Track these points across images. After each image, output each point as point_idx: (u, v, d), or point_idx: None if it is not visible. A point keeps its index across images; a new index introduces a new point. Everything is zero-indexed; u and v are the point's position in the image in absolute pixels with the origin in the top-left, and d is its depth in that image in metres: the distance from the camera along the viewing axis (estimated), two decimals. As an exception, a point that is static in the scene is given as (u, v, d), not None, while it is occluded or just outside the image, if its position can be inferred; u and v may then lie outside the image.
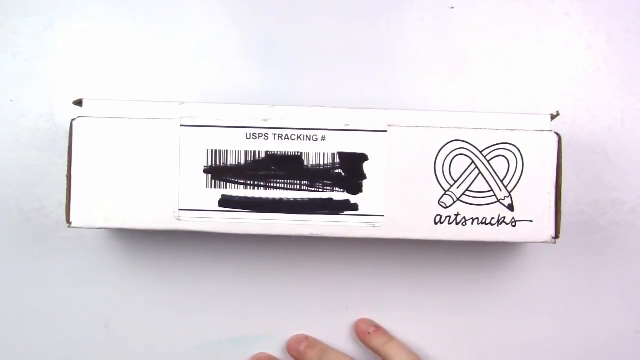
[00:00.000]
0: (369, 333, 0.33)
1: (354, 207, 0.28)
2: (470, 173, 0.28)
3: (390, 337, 0.33)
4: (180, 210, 0.28)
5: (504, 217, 0.28)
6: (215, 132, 0.28)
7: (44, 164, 0.33)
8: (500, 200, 0.28)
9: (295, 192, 0.28)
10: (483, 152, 0.28)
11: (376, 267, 0.34)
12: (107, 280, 0.34)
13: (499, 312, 0.34)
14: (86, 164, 0.28)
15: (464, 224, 0.28)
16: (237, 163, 0.28)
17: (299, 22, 0.34)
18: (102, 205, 0.28)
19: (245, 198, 0.28)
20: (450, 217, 0.28)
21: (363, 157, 0.28)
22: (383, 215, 0.28)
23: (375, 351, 0.33)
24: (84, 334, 0.33)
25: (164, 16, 0.34)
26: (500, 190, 0.28)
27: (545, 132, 0.28)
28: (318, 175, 0.28)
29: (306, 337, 0.33)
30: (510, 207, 0.28)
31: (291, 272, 0.34)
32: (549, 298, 0.34)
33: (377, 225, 0.28)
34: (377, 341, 0.32)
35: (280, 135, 0.28)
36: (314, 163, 0.28)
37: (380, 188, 0.28)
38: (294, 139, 0.28)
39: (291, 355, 0.34)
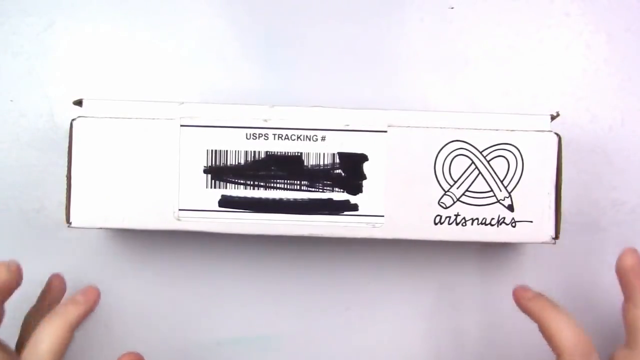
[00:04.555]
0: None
1: (354, 207, 0.28)
2: (470, 173, 0.28)
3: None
4: (180, 210, 0.28)
5: (504, 218, 0.28)
6: (215, 132, 0.28)
7: (44, 164, 0.33)
8: (500, 201, 0.28)
9: (295, 192, 0.28)
10: (483, 153, 0.28)
11: (376, 267, 0.34)
12: (107, 280, 0.34)
13: (499, 312, 0.34)
14: (86, 164, 0.28)
15: (464, 224, 0.28)
16: (237, 163, 0.28)
17: (299, 22, 0.34)
18: (102, 205, 0.28)
19: (245, 198, 0.28)
20: (450, 217, 0.28)
21: (363, 158, 0.28)
22: (383, 216, 0.28)
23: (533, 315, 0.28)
24: (84, 333, 0.33)
25: (164, 16, 0.34)
26: (500, 191, 0.28)
27: (545, 132, 0.28)
28: (318, 176, 0.28)
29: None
30: (510, 208, 0.28)
31: (291, 272, 0.34)
32: (548, 298, 0.34)
33: (377, 225, 0.28)
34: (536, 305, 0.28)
35: (280, 136, 0.28)
36: (314, 163, 0.28)
37: (380, 188, 0.28)
38: (294, 139, 0.28)
39: None
